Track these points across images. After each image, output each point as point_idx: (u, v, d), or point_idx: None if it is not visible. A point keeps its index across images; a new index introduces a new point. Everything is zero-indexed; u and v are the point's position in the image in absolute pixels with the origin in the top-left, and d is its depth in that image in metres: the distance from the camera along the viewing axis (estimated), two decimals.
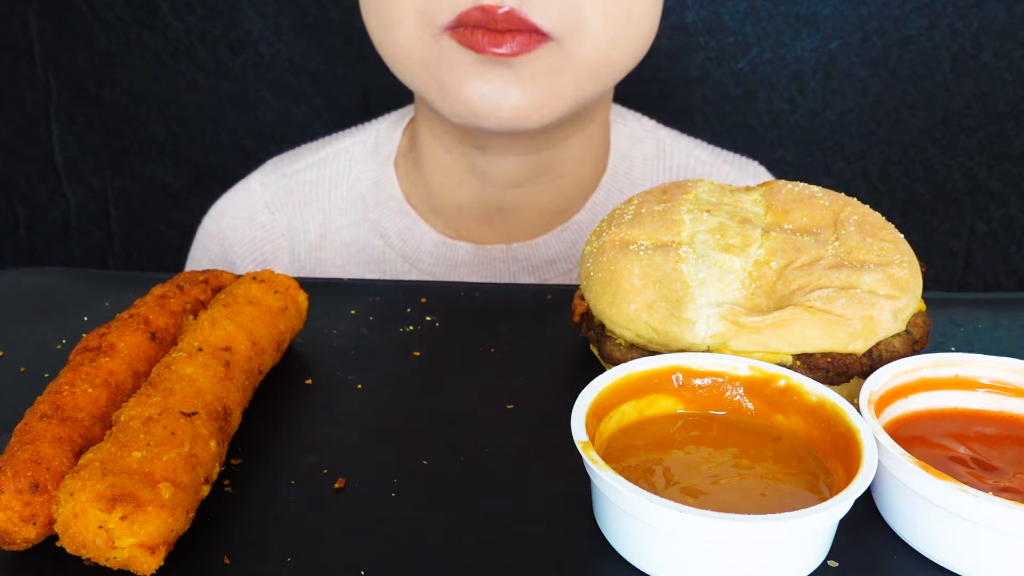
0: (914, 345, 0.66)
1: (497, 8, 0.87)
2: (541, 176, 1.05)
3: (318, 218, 1.12)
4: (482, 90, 0.91)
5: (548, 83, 0.92)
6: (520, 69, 0.91)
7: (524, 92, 0.92)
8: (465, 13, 0.88)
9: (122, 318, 0.65)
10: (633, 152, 1.11)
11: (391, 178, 1.11)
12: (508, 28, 0.88)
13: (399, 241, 1.09)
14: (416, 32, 0.92)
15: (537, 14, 0.88)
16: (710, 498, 0.53)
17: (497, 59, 0.90)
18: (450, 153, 1.05)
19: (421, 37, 0.92)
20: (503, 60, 0.90)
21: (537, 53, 0.90)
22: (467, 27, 0.89)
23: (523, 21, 0.88)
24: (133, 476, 0.50)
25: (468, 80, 0.91)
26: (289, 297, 0.71)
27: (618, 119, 1.13)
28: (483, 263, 1.08)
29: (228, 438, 0.60)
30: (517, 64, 0.90)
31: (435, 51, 0.92)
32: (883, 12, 1.37)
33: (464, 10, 0.88)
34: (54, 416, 0.55)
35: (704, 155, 1.14)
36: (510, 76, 0.91)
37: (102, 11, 1.45)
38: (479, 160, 1.04)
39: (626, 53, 0.95)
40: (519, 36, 0.89)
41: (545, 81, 0.92)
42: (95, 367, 0.60)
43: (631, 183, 1.10)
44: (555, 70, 0.92)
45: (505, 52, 0.89)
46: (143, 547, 0.49)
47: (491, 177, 1.05)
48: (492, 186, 1.06)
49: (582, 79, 0.94)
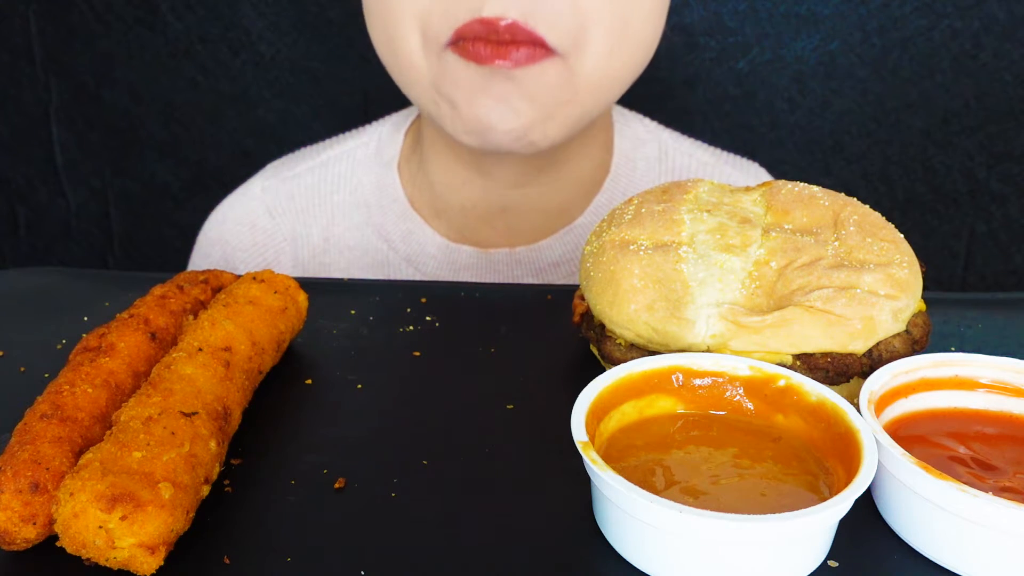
0: (914, 345, 0.66)
1: (499, 20, 0.85)
2: (544, 177, 1.05)
3: (321, 222, 1.12)
4: (488, 105, 0.90)
5: (554, 99, 0.91)
6: (525, 83, 0.89)
7: (532, 107, 0.90)
8: (466, 26, 0.87)
9: (122, 318, 0.65)
10: (636, 154, 1.11)
11: (394, 181, 1.10)
12: (512, 40, 0.87)
13: (403, 245, 1.09)
14: (420, 50, 0.91)
15: (544, 27, 0.87)
16: (710, 498, 0.53)
17: (501, 71, 0.88)
18: (454, 153, 1.05)
19: (425, 55, 0.91)
20: (507, 73, 0.88)
21: (542, 66, 0.89)
22: (468, 40, 0.87)
23: (528, 33, 0.86)
24: (133, 476, 0.50)
25: (475, 96, 0.90)
26: (289, 297, 0.71)
27: (621, 120, 1.12)
28: (486, 267, 1.07)
29: (228, 438, 0.60)
30: (521, 77, 0.89)
31: (439, 68, 0.91)
32: (883, 12, 1.38)
33: (465, 23, 0.87)
34: (54, 416, 0.55)
35: (706, 156, 1.14)
36: (515, 91, 0.89)
37: (102, 11, 1.45)
38: (483, 159, 1.03)
39: (624, 66, 0.94)
40: (523, 48, 0.87)
41: (549, 96, 0.91)
42: (95, 367, 0.60)
43: (633, 185, 1.09)
44: (560, 86, 0.90)
45: (509, 64, 0.87)
46: (143, 547, 0.49)
47: (495, 176, 1.05)
48: (496, 185, 1.05)
49: (585, 96, 0.93)
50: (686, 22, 1.40)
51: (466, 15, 0.86)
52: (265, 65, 1.47)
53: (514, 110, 0.90)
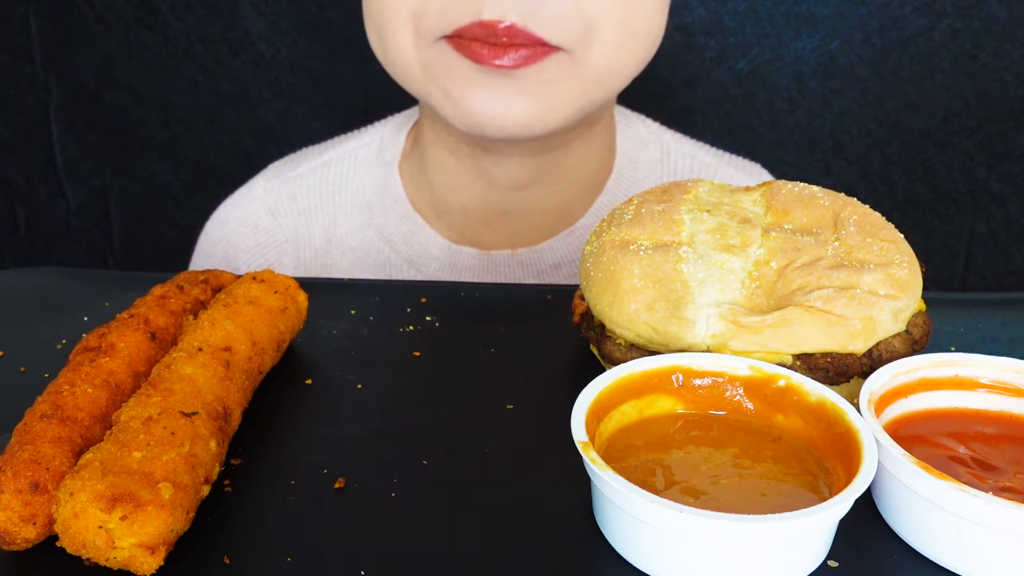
0: (914, 345, 0.66)
1: (498, 23, 0.84)
2: (546, 178, 1.05)
3: (323, 223, 1.12)
4: (485, 100, 0.89)
5: (553, 92, 0.90)
6: (524, 80, 0.88)
7: (530, 103, 0.89)
8: (464, 28, 0.85)
9: (122, 318, 0.65)
10: (638, 155, 1.11)
11: (396, 182, 1.10)
12: (511, 43, 0.85)
13: (404, 246, 1.08)
14: (411, 43, 0.90)
15: (545, 29, 0.85)
16: (710, 498, 0.53)
17: (499, 70, 0.87)
18: (455, 155, 1.04)
19: (416, 45, 0.90)
20: (506, 71, 0.87)
21: (544, 64, 0.88)
22: (466, 39, 0.86)
23: (528, 35, 0.85)
24: (133, 476, 0.50)
25: (470, 88, 0.89)
26: (289, 297, 0.71)
27: (623, 121, 1.12)
28: (488, 268, 1.07)
29: (228, 438, 0.59)
30: (521, 75, 0.88)
31: (431, 55, 0.90)
32: (883, 12, 1.38)
33: (463, 25, 0.85)
34: (54, 416, 0.55)
35: (708, 158, 1.14)
36: (513, 87, 0.88)
37: (102, 11, 1.45)
38: (484, 162, 1.03)
39: (632, 60, 0.94)
40: (522, 49, 0.86)
41: (550, 90, 0.90)
42: (95, 367, 0.60)
43: (635, 186, 1.09)
44: (562, 79, 0.90)
45: (507, 64, 0.86)
46: (143, 547, 0.49)
47: (496, 179, 1.04)
48: (497, 188, 1.05)
49: (589, 86, 0.92)
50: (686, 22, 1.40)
51: (464, 17, 0.85)
52: (265, 65, 1.47)
53: (511, 107, 0.89)
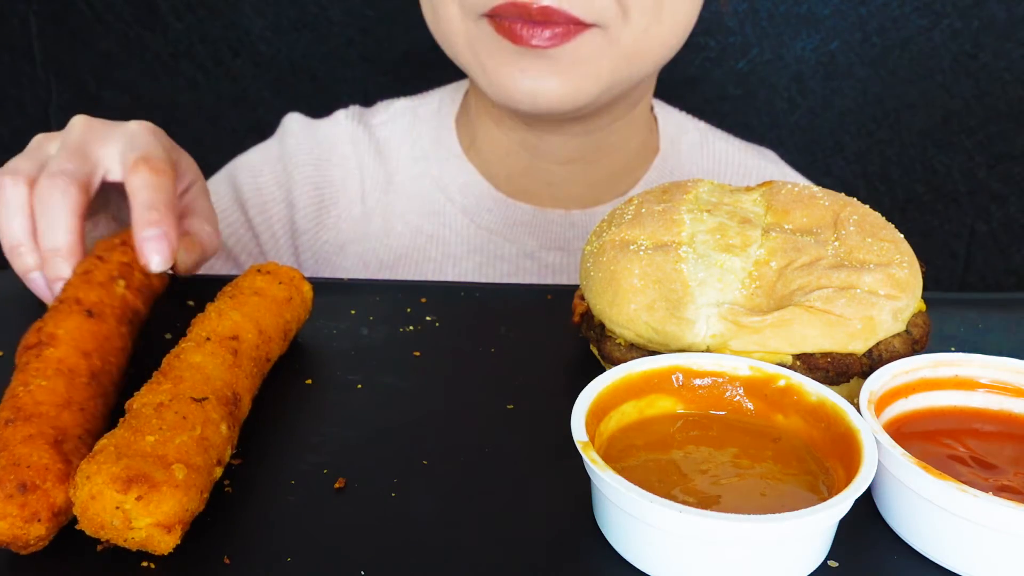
0: (914, 345, 0.66)
1: (532, 3, 0.87)
2: (589, 155, 1.08)
3: (388, 167, 1.14)
4: (517, 78, 0.92)
5: (585, 69, 0.93)
6: (558, 59, 0.91)
7: (562, 81, 0.92)
8: (500, 6, 0.89)
9: (54, 306, 0.66)
10: (680, 138, 1.15)
11: (452, 136, 1.13)
12: (545, 21, 0.89)
13: (460, 196, 1.11)
14: (459, 15, 0.94)
15: (579, 7, 0.88)
16: (710, 498, 0.53)
17: (534, 50, 0.90)
18: (500, 126, 1.07)
19: (463, 20, 0.94)
20: (541, 52, 0.90)
21: (578, 41, 0.90)
22: (503, 17, 0.90)
23: (562, 15, 0.88)
24: (147, 459, 0.51)
25: (505, 67, 0.92)
26: (294, 287, 0.72)
27: (662, 111, 1.16)
28: (541, 225, 1.09)
29: (239, 423, 0.60)
30: (555, 54, 0.91)
31: (475, 32, 0.94)
32: (883, 12, 1.38)
33: (499, 4, 0.89)
34: (17, 419, 0.55)
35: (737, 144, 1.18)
36: (547, 67, 0.91)
37: (102, 11, 1.45)
38: (528, 135, 1.06)
39: (660, 42, 0.96)
40: (557, 27, 0.89)
41: (583, 67, 0.92)
42: (43, 360, 0.60)
43: (680, 166, 1.13)
44: (595, 55, 0.92)
45: (542, 44, 0.89)
46: (159, 526, 0.50)
47: (540, 152, 1.07)
48: (541, 161, 1.08)
49: (620, 63, 0.94)
50: None
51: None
52: (265, 65, 1.47)
53: (542, 84, 0.92)
